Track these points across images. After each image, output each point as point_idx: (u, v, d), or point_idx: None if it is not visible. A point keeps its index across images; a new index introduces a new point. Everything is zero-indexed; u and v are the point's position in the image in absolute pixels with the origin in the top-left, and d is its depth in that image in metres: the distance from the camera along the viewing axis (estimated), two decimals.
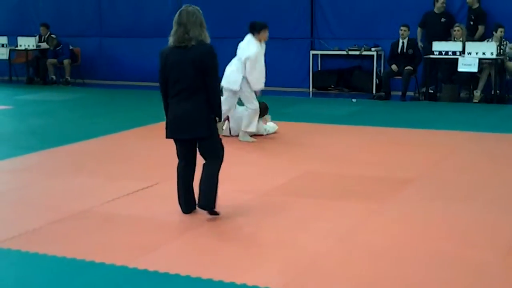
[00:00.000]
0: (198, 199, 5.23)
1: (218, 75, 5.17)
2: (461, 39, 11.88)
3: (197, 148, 5.29)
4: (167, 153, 7.61)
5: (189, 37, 5.00)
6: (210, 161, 5.22)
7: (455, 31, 12.02)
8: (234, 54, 8.54)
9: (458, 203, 5.66)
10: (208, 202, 5.16)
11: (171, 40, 5.11)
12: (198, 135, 5.15)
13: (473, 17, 12.27)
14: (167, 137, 5.28)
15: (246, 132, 8.27)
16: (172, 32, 5.09)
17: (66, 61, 15.07)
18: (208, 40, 5.11)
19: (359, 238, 4.87)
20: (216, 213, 5.23)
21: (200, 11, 5.13)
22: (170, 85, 5.16)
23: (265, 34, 8.68)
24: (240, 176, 6.15)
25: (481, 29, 12.12)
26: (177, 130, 5.18)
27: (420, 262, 4.37)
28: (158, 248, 4.65)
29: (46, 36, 15.46)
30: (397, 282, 4.08)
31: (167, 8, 15.04)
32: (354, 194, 5.98)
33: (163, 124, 5.33)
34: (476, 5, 12.24)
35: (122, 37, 15.30)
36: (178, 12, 5.12)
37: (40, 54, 15.61)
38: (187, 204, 5.33)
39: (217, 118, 5.18)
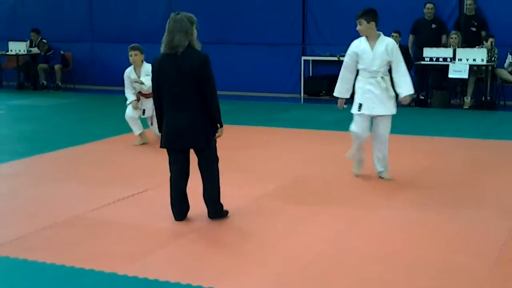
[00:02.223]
0: (208, 213, 5.30)
1: (214, 84, 5.13)
2: (456, 46, 11.93)
3: (189, 159, 5.27)
4: (157, 159, 7.60)
5: (175, 44, 5.00)
6: (208, 174, 5.22)
7: (452, 38, 12.04)
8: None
9: (447, 210, 5.67)
10: (218, 214, 5.31)
11: (162, 46, 5.12)
12: (195, 145, 5.15)
13: (476, 24, 12.32)
14: (161, 146, 5.27)
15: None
16: (163, 38, 5.11)
17: (57, 66, 15.04)
18: (198, 46, 5.10)
19: (348, 244, 4.86)
20: (226, 214, 5.39)
21: (192, 18, 5.09)
22: (165, 94, 5.14)
23: None
24: (230, 182, 6.13)
25: (484, 34, 12.19)
26: (173, 140, 5.17)
27: (408, 269, 4.37)
28: (147, 255, 4.63)
29: (37, 41, 15.43)
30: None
31: (159, 14, 15.04)
32: (344, 200, 5.98)
33: (152, 130, 5.31)
34: (473, 12, 12.32)
35: (114, 43, 15.27)
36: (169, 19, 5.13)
37: (31, 59, 15.58)
38: (181, 212, 5.32)
39: (218, 125, 5.18)
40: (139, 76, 8.46)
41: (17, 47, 15.34)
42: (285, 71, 14.09)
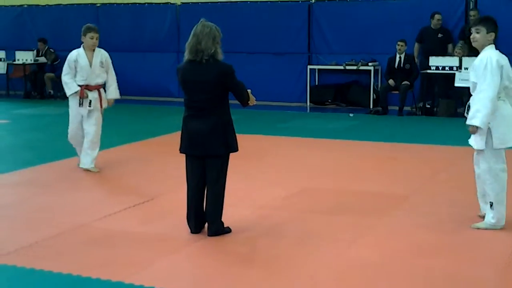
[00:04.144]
0: (208, 229, 5.23)
1: (243, 88, 5.16)
2: (462, 56, 11.92)
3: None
4: (163, 168, 7.64)
5: (201, 49, 4.98)
6: (214, 187, 5.15)
7: (458, 48, 11.97)
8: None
9: (454, 219, 5.65)
10: (218, 231, 5.21)
11: (186, 52, 5.10)
12: (214, 152, 5.11)
13: None
14: (181, 151, 5.26)
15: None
16: (187, 43, 5.09)
17: None
18: (221, 57, 5.08)
19: (356, 253, 4.85)
20: (228, 231, 5.29)
21: (218, 29, 5.10)
22: (187, 101, 5.17)
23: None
24: (238, 191, 6.14)
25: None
26: (192, 146, 5.15)
27: (417, 278, 4.36)
28: (154, 263, 4.63)
29: (44, 51, 15.50)
30: None
31: (165, 24, 15.13)
32: (351, 210, 5.97)
33: (159, 139, 5.33)
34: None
35: (120, 52, 15.32)
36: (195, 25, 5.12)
37: (38, 68, 15.64)
38: (196, 225, 5.27)
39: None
40: (91, 62, 7.35)
41: (24, 57, 15.41)
42: (291, 80, 14.11)
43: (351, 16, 13.64)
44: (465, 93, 11.97)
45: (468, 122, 5.30)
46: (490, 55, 5.26)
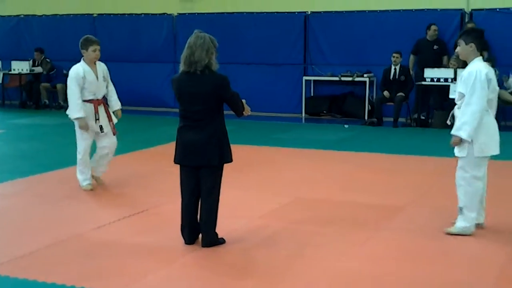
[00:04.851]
0: (202, 240, 5.22)
1: (239, 99, 5.17)
2: (457, 68, 11.98)
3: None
4: (157, 178, 7.64)
5: (194, 60, 4.99)
6: (208, 198, 5.15)
7: (452, 63, 12.05)
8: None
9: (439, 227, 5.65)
10: (212, 242, 5.20)
11: (181, 63, 5.12)
12: (208, 162, 5.10)
13: None
14: (175, 162, 5.27)
15: None
16: (182, 55, 5.10)
17: (59, 86, 15.11)
18: (215, 67, 5.08)
19: (350, 265, 4.85)
20: (222, 242, 5.29)
21: (214, 41, 5.11)
22: (182, 112, 5.18)
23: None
24: (231, 201, 6.14)
25: (485, 54, 12.23)
26: (187, 156, 5.15)
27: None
28: (148, 274, 4.63)
29: (40, 60, 15.51)
30: None
31: (162, 35, 15.17)
32: (345, 221, 5.98)
33: (154, 149, 5.33)
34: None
35: (117, 62, 15.36)
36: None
37: (34, 78, 15.65)
38: (191, 237, 5.27)
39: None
40: (97, 76, 7.03)
41: (20, 66, 15.43)
42: (287, 91, 14.16)
43: (347, 27, 13.70)
44: None
45: (454, 132, 5.42)
46: (479, 68, 5.36)
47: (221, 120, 5.18)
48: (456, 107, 5.54)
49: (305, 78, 13.96)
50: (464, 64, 11.81)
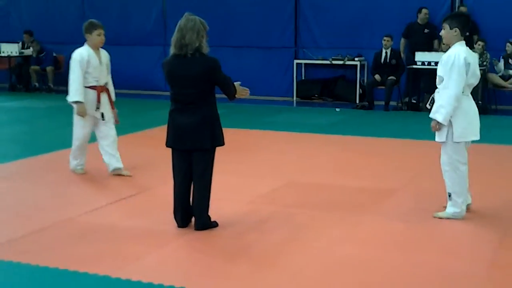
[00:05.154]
0: (195, 224, 5.23)
1: (230, 81, 5.16)
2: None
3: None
4: (149, 162, 7.63)
5: (185, 43, 4.98)
6: (200, 181, 5.15)
7: (442, 47, 12.06)
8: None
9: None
10: (205, 225, 5.21)
11: (171, 47, 5.09)
12: (200, 145, 5.10)
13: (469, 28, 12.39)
14: (167, 145, 5.25)
15: None
16: (172, 38, 5.07)
17: (49, 68, 15.02)
18: (206, 50, 5.06)
19: (343, 249, 4.87)
20: (215, 225, 5.29)
21: (205, 23, 5.08)
22: (173, 95, 5.16)
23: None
24: (223, 185, 6.14)
25: (475, 38, 12.25)
26: (178, 140, 5.15)
27: (403, 274, 4.39)
28: (141, 257, 4.63)
29: (29, 43, 15.40)
30: None
31: (151, 17, 15.07)
32: (337, 205, 6.00)
33: (145, 132, 5.31)
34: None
35: (106, 45, 15.26)
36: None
37: (23, 61, 15.54)
38: (183, 220, 5.27)
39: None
40: (101, 61, 6.87)
41: (9, 49, 15.29)
42: (278, 74, 14.12)
43: (338, 10, 13.65)
44: None
45: (431, 116, 5.48)
46: (458, 52, 5.40)
47: (213, 103, 5.17)
48: (436, 90, 5.60)
49: (296, 61, 13.93)
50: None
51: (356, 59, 13.31)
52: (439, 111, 5.40)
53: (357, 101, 13.11)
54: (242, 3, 14.32)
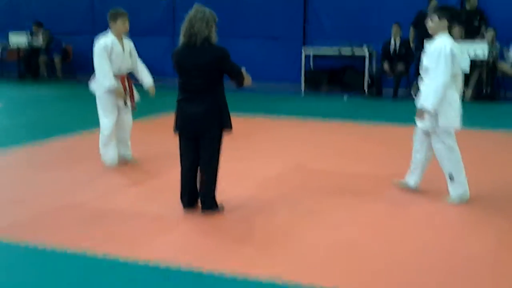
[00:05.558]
0: (201, 205, 5.26)
1: (239, 70, 5.14)
2: (458, 40, 11.94)
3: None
4: (157, 147, 7.65)
5: (194, 32, 5.00)
6: (207, 165, 5.18)
7: (453, 31, 12.04)
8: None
9: (445, 199, 5.68)
10: (211, 207, 5.24)
11: (181, 36, 5.12)
12: (208, 132, 5.12)
13: (478, 18, 12.37)
14: (175, 131, 5.27)
15: None
16: (181, 28, 5.10)
17: (57, 58, 15.09)
18: (214, 40, 5.08)
19: (349, 233, 4.88)
20: (221, 209, 5.31)
21: (214, 14, 5.10)
22: (182, 84, 5.18)
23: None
24: (230, 169, 6.15)
25: (485, 28, 12.24)
26: (186, 126, 5.17)
27: (411, 257, 4.39)
28: (151, 239, 4.65)
29: (39, 33, 15.46)
30: (389, 278, 4.10)
31: (160, 8, 15.08)
32: (343, 190, 6.00)
33: (153, 119, 5.31)
34: (475, 6, 12.37)
35: None
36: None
37: (32, 51, 15.59)
38: (189, 201, 5.30)
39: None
40: (124, 49, 6.85)
41: (18, 39, 15.36)
42: (287, 63, 14.12)
43: (347, 1, 13.62)
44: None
45: (419, 105, 5.57)
46: (445, 43, 5.50)
47: (221, 91, 5.18)
48: (419, 79, 5.71)
49: (304, 51, 13.91)
50: (466, 36, 11.84)
51: (364, 48, 13.27)
52: (427, 100, 5.49)
53: (366, 90, 13.08)
54: None
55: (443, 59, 5.41)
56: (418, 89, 5.70)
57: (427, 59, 5.59)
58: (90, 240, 4.63)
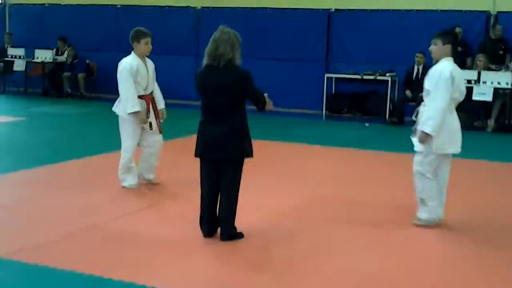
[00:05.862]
0: (220, 234, 5.23)
1: (260, 94, 5.15)
2: (482, 69, 11.89)
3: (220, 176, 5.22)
4: (177, 170, 7.65)
5: (219, 54, 5.02)
6: (227, 192, 5.16)
7: (479, 61, 12.00)
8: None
9: (463, 233, 5.62)
10: (230, 236, 5.21)
11: (205, 58, 5.13)
12: (228, 156, 5.12)
13: (503, 47, 12.34)
14: (196, 155, 5.27)
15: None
16: (206, 49, 5.11)
17: (80, 75, 15.20)
18: (238, 62, 5.10)
19: (367, 265, 4.83)
20: (241, 236, 5.28)
21: (238, 36, 5.12)
22: (204, 106, 5.19)
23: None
24: (250, 196, 6.12)
25: (509, 57, 12.22)
26: (207, 150, 5.16)
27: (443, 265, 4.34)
28: (166, 265, 4.64)
29: (64, 49, 15.62)
30: None
31: (185, 27, 15.17)
32: (364, 221, 5.94)
33: (174, 142, 5.33)
34: (500, 36, 12.36)
35: None
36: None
37: (56, 67, 15.74)
38: (209, 230, 5.27)
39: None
40: (148, 70, 6.77)
41: (43, 55, 15.53)
42: (308, 87, 14.10)
43: (370, 26, 13.62)
44: (483, 107, 11.99)
45: (420, 128, 5.61)
46: (445, 66, 5.58)
47: (243, 114, 5.18)
48: (422, 103, 5.74)
49: (326, 75, 13.90)
50: (490, 63, 11.79)
51: (387, 74, 13.24)
52: (427, 123, 5.51)
53: (387, 117, 13.02)
54: (275, 17, 14.37)
55: (443, 82, 5.47)
56: (417, 113, 5.78)
57: (427, 82, 5.63)
58: (104, 264, 4.63)
